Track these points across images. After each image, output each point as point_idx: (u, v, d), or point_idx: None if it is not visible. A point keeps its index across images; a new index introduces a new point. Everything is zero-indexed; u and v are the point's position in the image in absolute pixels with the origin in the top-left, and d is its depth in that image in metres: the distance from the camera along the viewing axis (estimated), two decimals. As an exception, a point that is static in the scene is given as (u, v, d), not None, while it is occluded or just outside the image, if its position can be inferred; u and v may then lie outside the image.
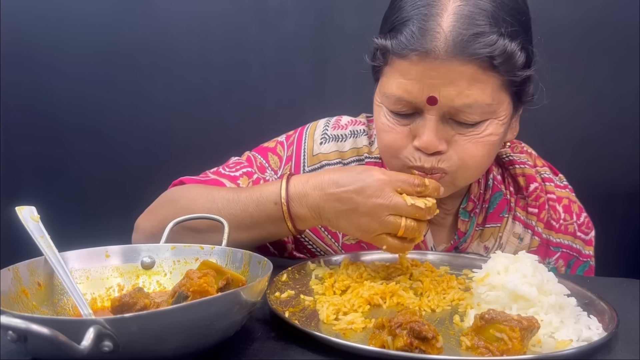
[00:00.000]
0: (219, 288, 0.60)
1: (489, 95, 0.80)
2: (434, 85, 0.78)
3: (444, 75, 0.78)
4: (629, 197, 1.59)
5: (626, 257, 1.53)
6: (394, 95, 0.82)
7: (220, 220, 0.79)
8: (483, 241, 1.01)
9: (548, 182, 1.04)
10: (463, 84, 0.78)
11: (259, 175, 1.00)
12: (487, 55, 0.76)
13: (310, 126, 1.06)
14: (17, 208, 0.69)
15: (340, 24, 1.65)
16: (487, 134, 0.83)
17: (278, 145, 1.05)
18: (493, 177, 1.02)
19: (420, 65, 0.78)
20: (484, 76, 0.78)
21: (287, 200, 0.82)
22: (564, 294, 0.69)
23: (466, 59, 0.76)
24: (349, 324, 0.66)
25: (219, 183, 0.97)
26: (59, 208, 1.37)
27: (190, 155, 1.75)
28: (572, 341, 0.60)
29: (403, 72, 0.81)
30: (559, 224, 1.02)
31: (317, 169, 1.01)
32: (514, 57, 0.79)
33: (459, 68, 0.77)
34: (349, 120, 1.06)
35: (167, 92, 1.75)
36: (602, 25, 1.54)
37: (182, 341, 0.51)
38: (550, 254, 1.02)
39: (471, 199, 0.99)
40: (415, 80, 0.79)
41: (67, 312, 0.64)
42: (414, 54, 0.78)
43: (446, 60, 0.77)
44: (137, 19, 1.71)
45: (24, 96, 1.76)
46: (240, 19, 1.69)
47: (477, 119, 0.81)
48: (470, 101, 0.79)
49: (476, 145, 0.83)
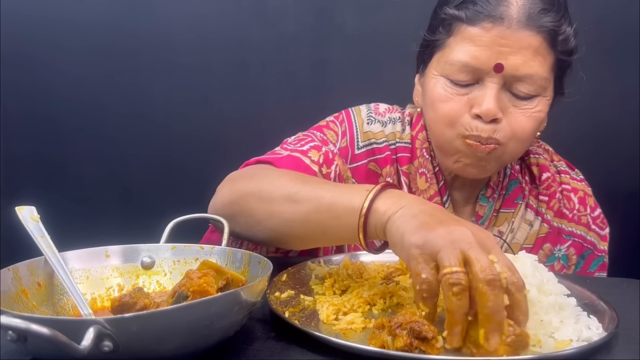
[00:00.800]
0: (219, 288, 0.60)
1: (546, 71, 0.88)
2: (503, 52, 0.85)
3: (513, 43, 0.85)
4: (629, 197, 1.59)
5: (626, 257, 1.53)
6: (461, 61, 0.88)
7: (221, 220, 0.79)
8: (497, 226, 1.04)
9: (564, 174, 1.09)
10: (529, 54, 0.85)
11: (326, 148, 0.98)
12: (553, 29, 0.86)
13: (354, 108, 1.08)
14: (17, 208, 0.69)
15: (340, 24, 1.66)
16: (537, 110, 0.90)
17: (329, 123, 1.07)
18: (511, 167, 1.06)
19: (492, 32, 0.85)
20: (546, 51, 0.87)
21: (373, 198, 0.68)
22: (564, 294, 0.69)
23: (535, 30, 0.85)
24: (349, 324, 0.65)
25: (297, 160, 0.92)
26: (59, 208, 1.36)
27: (190, 155, 1.75)
28: (572, 341, 0.60)
29: (473, 38, 0.87)
30: (572, 214, 1.05)
31: (367, 145, 1.03)
32: (570, 39, 0.89)
33: (528, 38, 0.85)
34: (386, 108, 1.09)
35: (167, 92, 1.75)
36: (602, 25, 1.54)
37: (182, 341, 0.51)
38: (561, 242, 1.04)
39: (490, 186, 1.04)
40: (485, 47, 0.86)
41: (67, 312, 0.64)
42: (488, 21, 0.85)
43: (517, 30, 0.84)
44: (137, 20, 1.71)
45: (24, 97, 1.76)
46: (240, 19, 1.69)
47: (533, 92, 0.88)
48: (532, 72, 0.86)
49: (528, 118, 0.89)
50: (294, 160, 0.93)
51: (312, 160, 0.94)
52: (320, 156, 0.96)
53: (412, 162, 1.04)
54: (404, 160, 1.04)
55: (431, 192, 1.02)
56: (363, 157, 1.03)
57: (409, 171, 1.04)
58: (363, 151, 1.03)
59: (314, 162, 0.94)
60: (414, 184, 1.03)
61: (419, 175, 1.03)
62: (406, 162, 1.03)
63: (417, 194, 1.03)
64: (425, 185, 1.02)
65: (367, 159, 1.03)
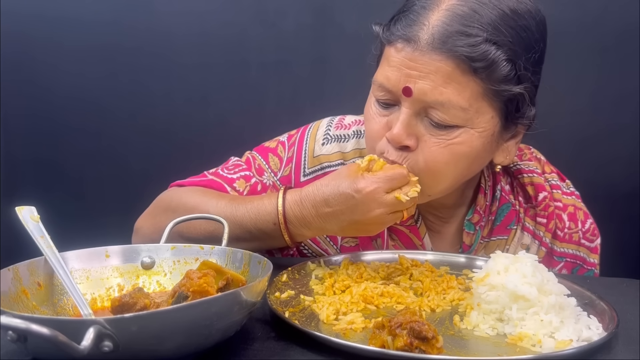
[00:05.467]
0: (219, 288, 0.60)
1: (466, 100, 0.79)
2: (411, 75, 0.79)
3: (421, 67, 0.79)
4: (629, 198, 1.59)
5: (626, 257, 1.53)
6: (377, 81, 0.85)
7: (221, 220, 0.79)
8: (488, 253, 0.97)
9: (555, 189, 1.02)
10: (439, 79, 0.78)
11: (256, 179, 1.00)
12: (465, 54, 0.76)
13: (312, 126, 1.05)
14: (17, 208, 0.69)
15: (340, 23, 1.65)
16: (457, 141, 0.81)
17: (279, 145, 1.05)
18: (501, 188, 0.99)
19: (402, 52, 0.81)
20: (463, 78, 0.78)
21: (285, 222, 0.84)
22: (564, 294, 0.69)
23: (445, 54, 0.77)
24: (349, 324, 0.66)
25: (217, 184, 0.97)
26: (59, 208, 1.36)
27: (190, 155, 1.75)
28: (572, 341, 0.60)
29: (388, 59, 0.83)
30: (563, 233, 1.00)
31: (317, 170, 1.00)
32: (496, 65, 0.77)
33: (437, 63, 0.78)
34: (352, 120, 1.05)
35: (167, 91, 1.75)
36: (602, 26, 1.55)
37: (182, 341, 0.51)
38: (553, 264, 0.99)
39: (477, 211, 0.97)
40: (395, 68, 0.81)
41: (67, 312, 0.64)
42: (401, 41, 0.81)
43: (426, 52, 0.78)
44: (137, 19, 1.71)
45: (24, 96, 1.76)
46: (240, 19, 1.69)
47: (450, 122, 0.80)
48: (444, 99, 0.78)
49: (444, 149, 0.81)
50: (216, 187, 0.97)
51: (236, 189, 0.97)
52: (246, 187, 0.98)
53: None
54: None
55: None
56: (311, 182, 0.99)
57: None
58: (311, 177, 0.99)
59: (236, 191, 0.97)
60: None
61: None
62: None
63: None
64: None
65: None
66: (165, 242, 0.76)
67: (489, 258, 0.75)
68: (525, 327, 0.63)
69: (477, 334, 0.65)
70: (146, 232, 0.93)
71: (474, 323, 0.67)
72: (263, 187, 0.99)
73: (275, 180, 1.01)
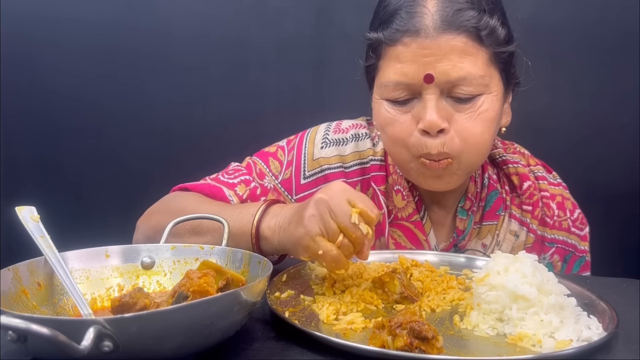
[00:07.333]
0: (219, 288, 0.60)
1: (481, 68, 0.85)
2: (429, 62, 0.83)
3: (436, 51, 0.83)
4: (629, 197, 1.59)
5: (626, 257, 1.53)
6: (392, 81, 0.86)
7: (221, 220, 0.79)
8: (481, 239, 1.02)
9: (542, 180, 1.06)
10: (455, 57, 0.83)
11: (257, 183, 1.00)
12: (473, 26, 0.83)
13: (311, 131, 1.07)
14: (17, 208, 0.69)
15: (340, 24, 1.66)
16: (483, 110, 0.86)
17: (279, 149, 1.06)
18: (489, 177, 1.03)
19: (412, 45, 0.83)
20: (474, 49, 0.84)
21: (257, 240, 0.81)
22: (564, 294, 0.69)
23: (454, 32, 0.83)
24: (349, 324, 0.65)
25: (217, 189, 0.98)
26: (59, 208, 1.37)
27: (190, 156, 1.75)
28: (572, 341, 0.60)
29: (398, 56, 0.85)
30: (553, 220, 1.03)
31: (317, 173, 1.01)
32: (497, 30, 0.85)
33: (450, 42, 0.83)
34: (350, 124, 1.06)
35: (167, 92, 1.75)
36: (602, 26, 1.55)
37: (182, 341, 0.51)
38: (545, 250, 1.03)
39: (468, 198, 1.01)
40: (410, 62, 0.84)
41: (67, 312, 0.64)
42: (406, 36, 0.84)
43: (436, 37, 0.82)
44: (137, 20, 1.72)
45: (24, 97, 1.76)
46: (240, 19, 1.70)
47: (473, 92, 0.85)
48: (464, 73, 0.83)
49: (476, 121, 0.86)
50: (216, 191, 0.97)
51: (236, 194, 0.98)
52: (246, 191, 0.99)
53: (387, 180, 1.02)
54: (379, 179, 1.01)
55: (409, 210, 1.00)
56: (312, 185, 1.01)
57: (386, 190, 1.01)
58: (311, 180, 1.01)
59: (237, 196, 0.98)
60: (391, 202, 1.01)
61: (394, 192, 1.01)
62: (381, 181, 1.01)
63: (395, 212, 1.01)
64: (402, 203, 1.00)
65: (317, 187, 0.99)
66: (167, 241, 0.76)
67: (489, 258, 0.75)
68: (525, 327, 0.63)
69: (477, 334, 0.65)
70: (144, 231, 0.94)
71: (474, 323, 0.67)
72: (263, 190, 1.00)
73: (277, 184, 1.02)
